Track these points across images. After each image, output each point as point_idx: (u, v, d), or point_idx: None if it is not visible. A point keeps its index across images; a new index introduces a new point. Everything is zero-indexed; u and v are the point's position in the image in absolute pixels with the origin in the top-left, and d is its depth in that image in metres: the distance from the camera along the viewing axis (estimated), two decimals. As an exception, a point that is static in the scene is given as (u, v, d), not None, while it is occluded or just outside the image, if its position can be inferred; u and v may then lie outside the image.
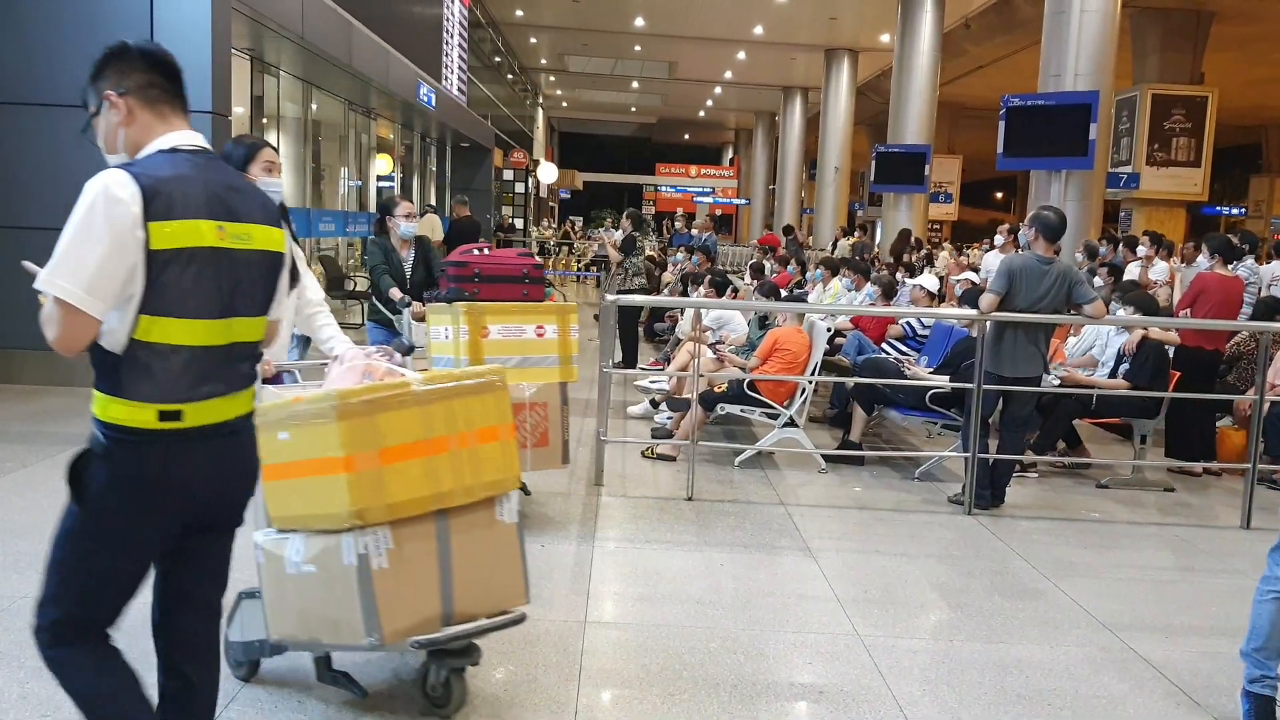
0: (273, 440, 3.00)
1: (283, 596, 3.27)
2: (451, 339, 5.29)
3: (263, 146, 4.24)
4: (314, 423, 3.00)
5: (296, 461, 3.07)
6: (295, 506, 3.16)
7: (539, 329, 5.44)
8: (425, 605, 3.15)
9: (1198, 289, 8.05)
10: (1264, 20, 21.44)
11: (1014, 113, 13.95)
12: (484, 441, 3.27)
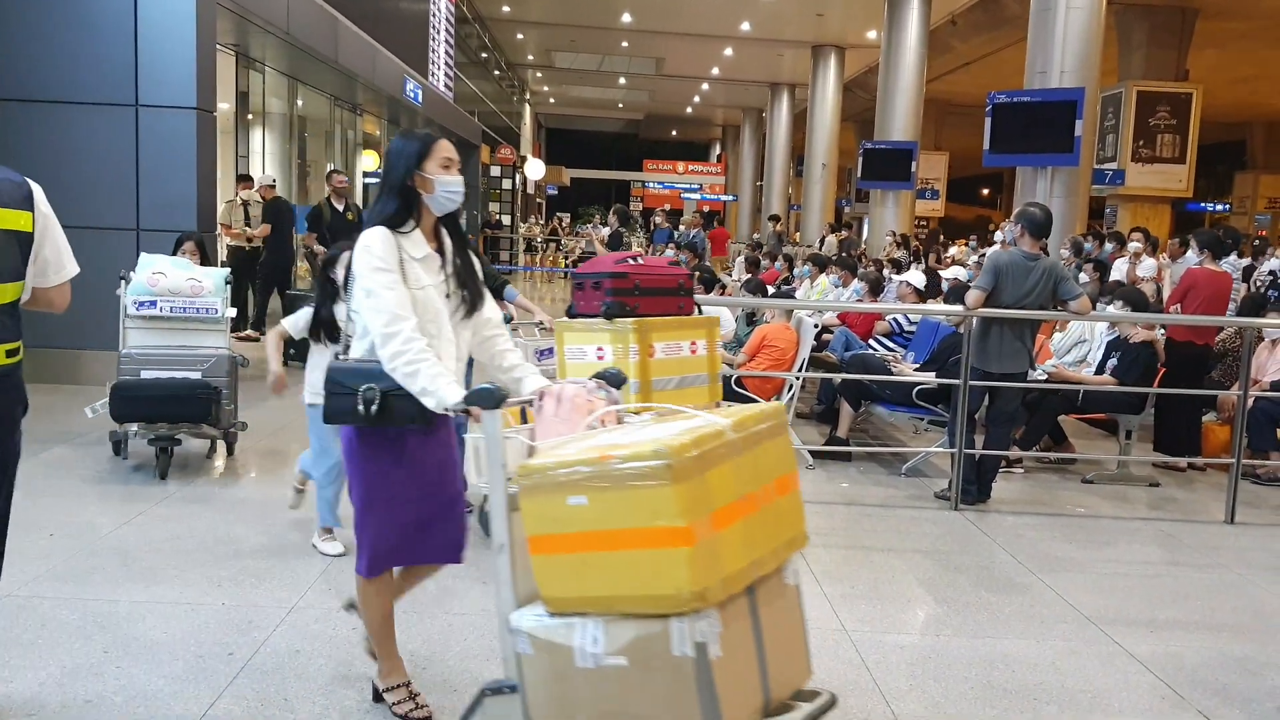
0: (556, 506, 2.50)
1: (568, 695, 2.67)
2: (612, 359, 4.71)
3: (436, 140, 3.54)
4: (634, 485, 2.43)
5: (601, 532, 2.50)
6: (595, 586, 2.55)
7: (693, 345, 5.02)
8: (752, 695, 2.65)
9: (1188, 284, 8.08)
10: (1248, 17, 21.53)
11: (1000, 109, 13.98)
12: (782, 493, 2.82)
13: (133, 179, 8.55)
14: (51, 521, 5.16)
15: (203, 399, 5.96)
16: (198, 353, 6.19)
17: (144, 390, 5.94)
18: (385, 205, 3.21)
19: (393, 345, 2.98)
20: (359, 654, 3.82)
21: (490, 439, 2.69)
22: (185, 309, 6.24)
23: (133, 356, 6.11)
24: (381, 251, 3.08)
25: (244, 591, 4.39)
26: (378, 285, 3.04)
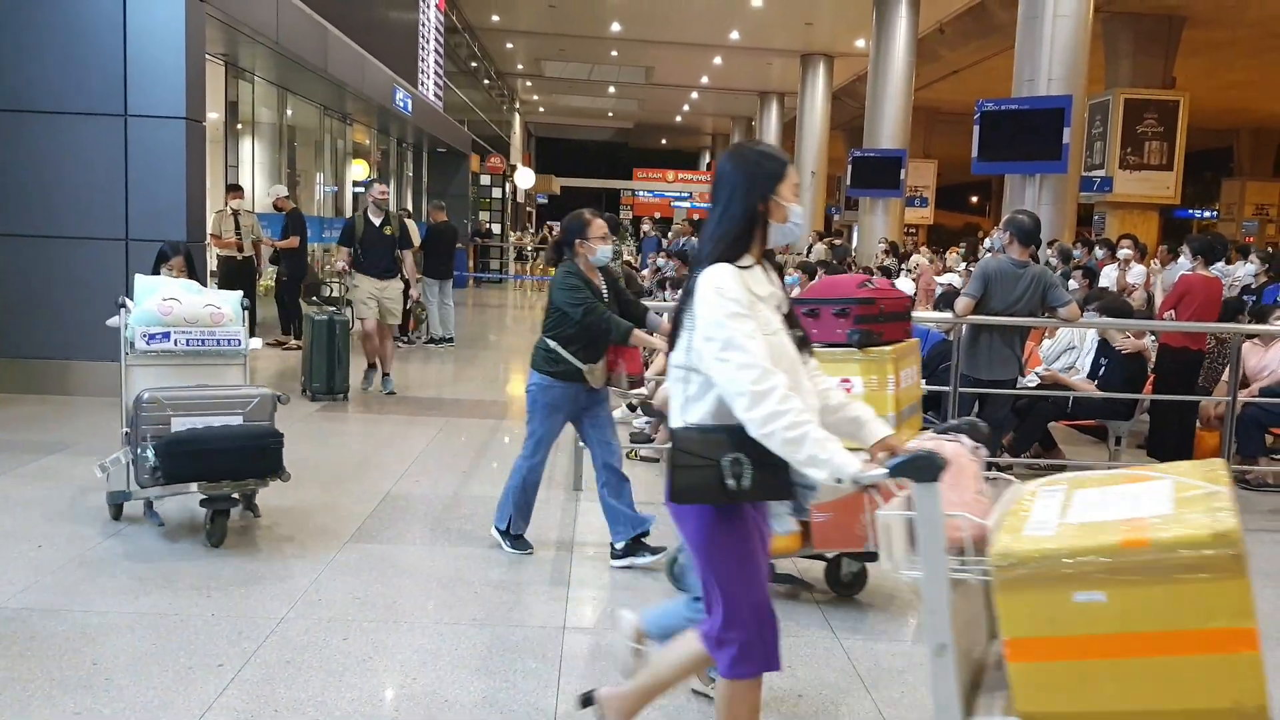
0: (1056, 604, 2.14)
1: None
2: (862, 391, 4.40)
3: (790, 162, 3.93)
4: (1183, 579, 2.06)
5: (1124, 635, 2.13)
6: (1107, 699, 2.17)
7: (915, 371, 4.83)
8: None
9: (1182, 290, 8.11)
10: (1234, 25, 21.66)
11: (988, 117, 14.04)
12: None
13: (122, 189, 8.53)
14: (39, 533, 5.14)
15: (274, 449, 5.08)
16: (237, 394, 5.20)
17: (206, 442, 4.92)
18: (726, 234, 2.75)
19: (767, 406, 2.52)
20: (350, 664, 3.81)
21: (928, 520, 2.31)
22: (204, 341, 5.36)
23: (161, 401, 5.01)
24: (737, 294, 2.63)
25: (234, 602, 4.37)
26: (739, 335, 2.58)
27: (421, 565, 5.01)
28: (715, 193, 2.85)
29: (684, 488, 2.64)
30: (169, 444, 4.85)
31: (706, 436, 2.64)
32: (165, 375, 5.28)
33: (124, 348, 5.32)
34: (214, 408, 5.10)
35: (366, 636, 4.08)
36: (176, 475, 4.91)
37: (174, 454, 4.84)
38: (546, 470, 6.77)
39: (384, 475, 6.59)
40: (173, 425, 4.96)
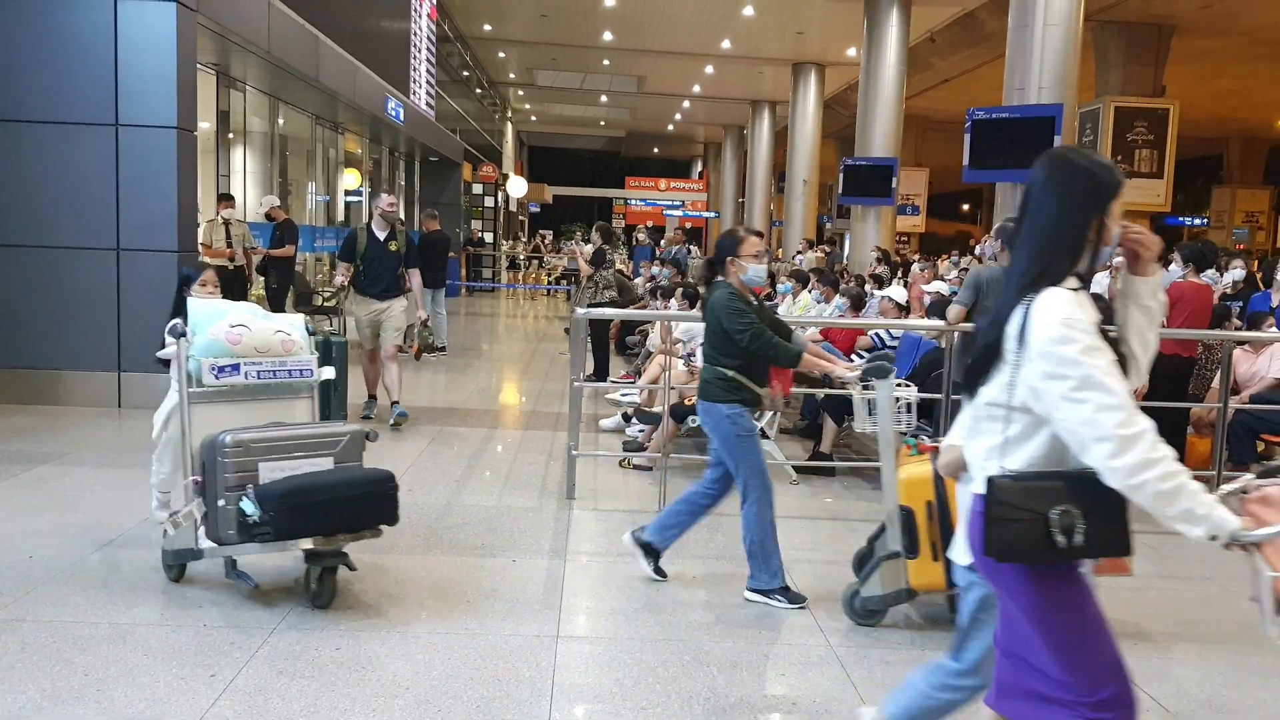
0: None
1: None
2: None
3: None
4: None
5: None
6: None
7: None
8: None
9: (1174, 297, 8.13)
10: (1223, 34, 21.77)
11: (979, 125, 14.07)
12: None
13: (113, 198, 8.52)
14: (30, 543, 5.12)
15: (392, 495, 4.48)
16: (325, 433, 4.60)
17: (321, 491, 4.29)
18: (1056, 251, 2.45)
19: (1137, 453, 2.25)
20: (342, 674, 3.80)
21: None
22: (276, 373, 4.71)
23: (247, 445, 4.36)
24: (1087, 324, 2.34)
25: (226, 612, 4.35)
26: (1098, 372, 2.28)
27: (414, 574, 5.00)
28: (1033, 202, 2.54)
29: (1003, 544, 2.36)
30: (285, 495, 4.18)
31: (1031, 486, 2.37)
32: (229, 413, 4.59)
33: (182, 382, 4.55)
34: (304, 449, 4.47)
35: (359, 646, 4.07)
36: (290, 531, 4.22)
37: (290, 507, 4.17)
38: (539, 478, 6.79)
39: (376, 484, 6.57)
40: (261, 472, 4.33)
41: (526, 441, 8.21)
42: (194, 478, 4.41)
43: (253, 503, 4.22)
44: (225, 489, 4.32)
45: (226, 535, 4.34)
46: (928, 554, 4.38)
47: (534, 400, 10.45)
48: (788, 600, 4.75)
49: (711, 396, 4.79)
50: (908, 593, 4.44)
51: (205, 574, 4.80)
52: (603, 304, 11.05)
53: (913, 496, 4.42)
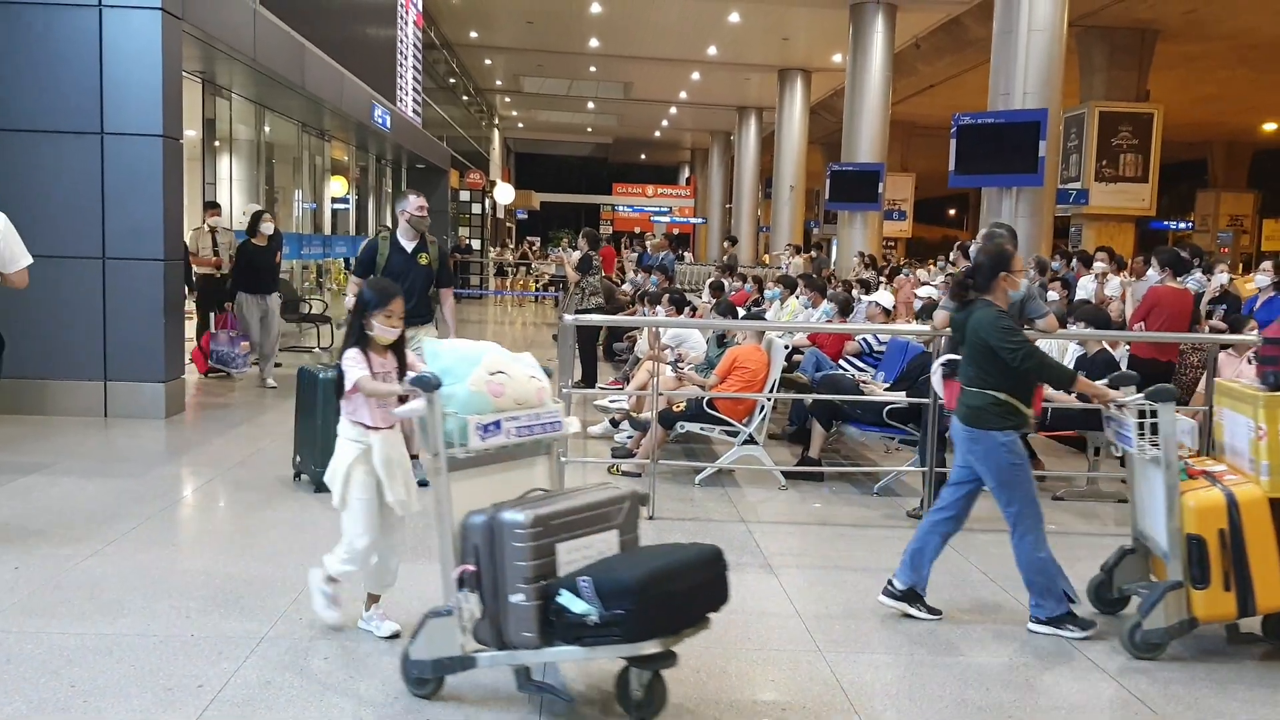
0: None
1: None
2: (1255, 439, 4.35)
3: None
4: None
5: None
6: None
7: None
8: None
9: (1151, 302, 8.18)
10: (1207, 39, 21.91)
11: (964, 131, 14.14)
12: None
13: (99, 207, 8.48)
14: (16, 554, 5.09)
15: (725, 575, 3.70)
16: (605, 499, 3.71)
17: (678, 579, 3.49)
18: None
19: None
20: (331, 684, 3.79)
21: None
22: (534, 427, 3.85)
23: (547, 524, 3.46)
24: None
25: (213, 622, 4.34)
26: None
27: (404, 582, 4.97)
28: None
29: None
30: (643, 586, 3.35)
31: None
32: (481, 482, 3.73)
33: (439, 444, 3.59)
34: (593, 524, 3.63)
35: (348, 655, 4.06)
36: (647, 629, 3.38)
37: (650, 600, 3.35)
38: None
39: (364, 492, 6.55)
40: (559, 555, 3.49)
41: (515, 448, 8.19)
42: (465, 566, 3.53)
43: (588, 597, 3.35)
44: (523, 580, 3.43)
45: (522, 638, 3.47)
46: (1219, 583, 4.24)
47: (522, 407, 10.42)
48: (1078, 628, 4.56)
49: (983, 423, 4.53)
50: (1190, 623, 4.29)
51: (190, 586, 4.78)
52: (590, 310, 11.06)
53: (1204, 524, 4.25)
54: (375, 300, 4.02)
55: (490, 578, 3.50)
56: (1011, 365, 4.43)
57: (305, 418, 6.56)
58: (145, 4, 8.41)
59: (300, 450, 6.68)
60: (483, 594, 3.52)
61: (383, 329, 4.01)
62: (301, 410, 6.62)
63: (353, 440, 4.07)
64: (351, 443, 4.06)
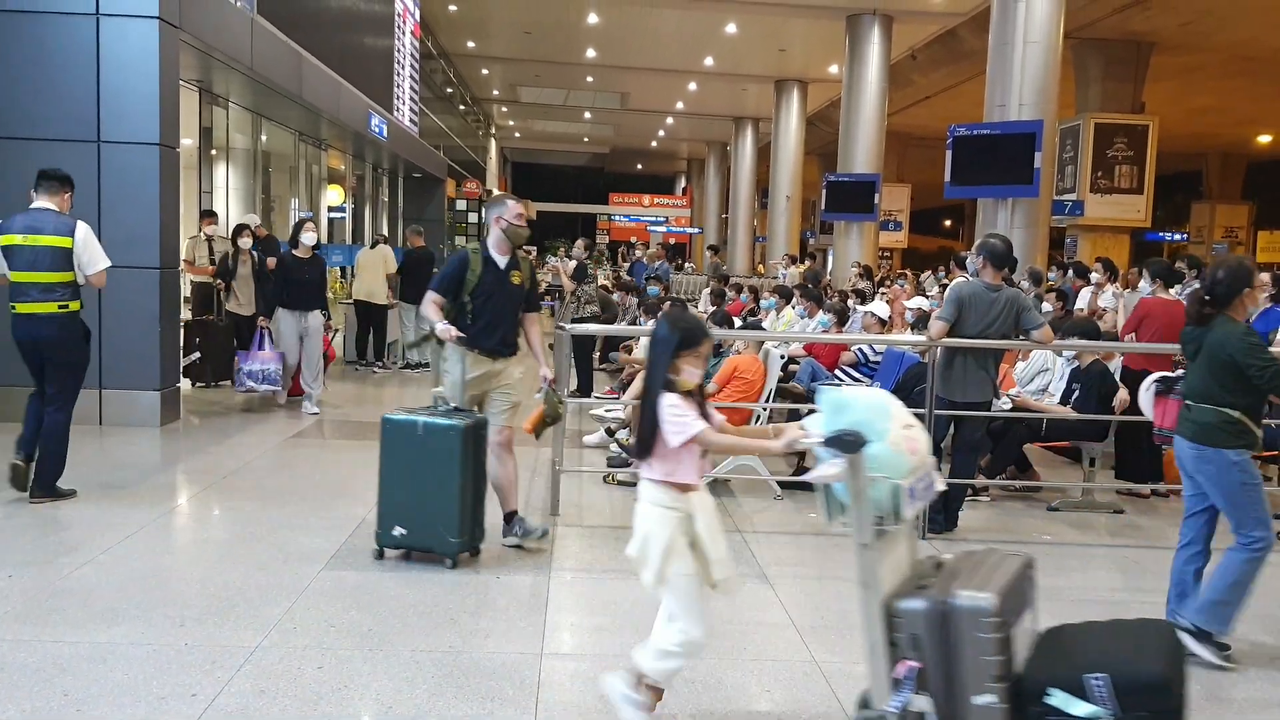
0: None
1: None
2: None
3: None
4: None
5: None
6: None
7: None
8: None
9: (1142, 314, 8.20)
10: (1201, 51, 21.98)
11: (960, 142, 14.16)
12: None
13: (95, 215, 8.45)
14: (10, 561, 5.08)
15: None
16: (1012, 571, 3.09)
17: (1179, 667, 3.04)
18: None
19: None
20: (325, 693, 3.78)
21: None
22: (928, 490, 3.17)
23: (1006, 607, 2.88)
24: None
25: (207, 631, 4.33)
26: None
27: (397, 592, 4.98)
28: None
29: None
30: (1170, 682, 2.87)
31: None
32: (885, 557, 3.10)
33: (864, 520, 3.01)
34: (1021, 603, 3.05)
35: (341, 664, 4.05)
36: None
37: (1176, 699, 2.89)
38: (523, 494, 6.77)
39: (358, 501, 6.54)
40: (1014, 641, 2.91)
41: (510, 458, 8.19)
42: (909, 663, 2.92)
43: (1101, 698, 2.79)
44: (992, 678, 2.83)
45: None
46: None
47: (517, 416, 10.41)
48: (1217, 654, 4.36)
49: (1215, 441, 4.36)
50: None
51: (185, 596, 4.76)
52: (585, 319, 11.06)
53: None
54: (684, 340, 3.44)
55: (942, 675, 2.88)
56: (1257, 383, 4.30)
57: (419, 477, 5.23)
58: (143, 13, 8.43)
59: (408, 518, 5.28)
60: (933, 695, 2.90)
61: (691, 372, 3.44)
62: (408, 468, 5.26)
63: (667, 507, 3.41)
64: (666, 510, 3.41)
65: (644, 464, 3.44)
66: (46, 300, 6.13)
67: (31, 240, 6.10)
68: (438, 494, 5.18)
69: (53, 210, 6.24)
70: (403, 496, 5.26)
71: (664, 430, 3.33)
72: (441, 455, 5.16)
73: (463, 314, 5.59)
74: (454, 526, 5.20)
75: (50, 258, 6.12)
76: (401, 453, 5.26)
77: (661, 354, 3.43)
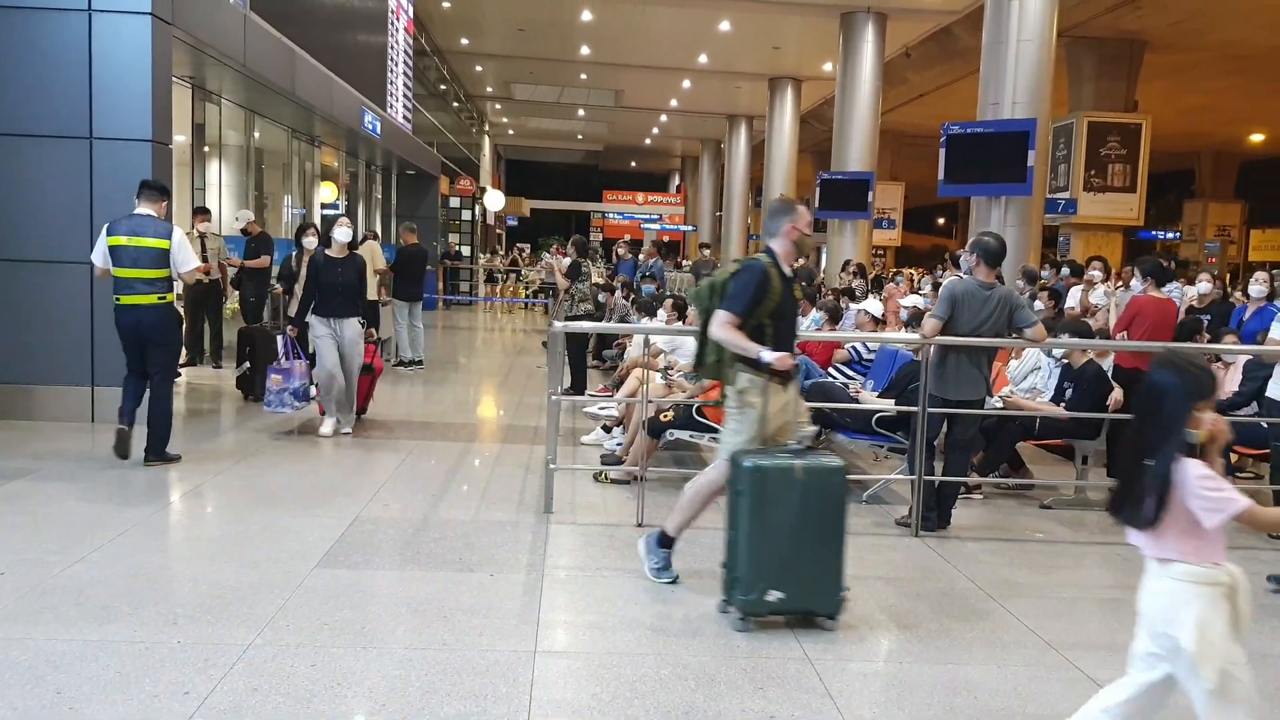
0: None
1: None
2: None
3: None
4: None
5: None
6: None
7: None
8: None
9: (1133, 312, 8.22)
10: (1195, 49, 22.02)
11: (954, 140, 14.18)
12: None
13: (86, 212, 8.46)
14: (2, 559, 5.06)
15: None
16: None
17: None
18: None
19: None
20: (318, 691, 3.78)
21: None
22: None
23: None
24: None
25: (200, 629, 4.32)
26: None
27: (390, 590, 4.98)
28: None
29: None
30: None
31: None
32: None
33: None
34: None
35: (335, 662, 4.04)
36: None
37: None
38: (517, 492, 6.78)
39: (352, 499, 6.55)
40: None
41: (504, 455, 8.19)
42: None
43: None
44: None
45: None
46: None
47: (511, 414, 10.43)
48: None
49: None
50: None
51: (178, 594, 4.75)
52: (579, 317, 11.06)
53: None
54: (1199, 388, 2.88)
55: None
56: None
57: (800, 530, 4.63)
58: (135, 9, 8.41)
59: (786, 579, 4.61)
60: None
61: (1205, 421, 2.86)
62: (787, 520, 4.61)
63: (1209, 584, 2.83)
64: (1209, 588, 2.83)
65: (1145, 536, 2.91)
66: (149, 293, 7.11)
67: (135, 241, 7.06)
68: (820, 546, 4.62)
69: (152, 216, 7.20)
70: (782, 554, 4.59)
71: (1193, 507, 2.78)
72: (826, 501, 4.64)
73: (760, 338, 4.92)
74: (839, 579, 4.67)
75: (151, 257, 7.09)
76: (778, 503, 4.58)
77: (1176, 409, 2.85)
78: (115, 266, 7.10)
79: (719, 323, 4.95)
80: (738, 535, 4.63)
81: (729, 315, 4.94)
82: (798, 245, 5.17)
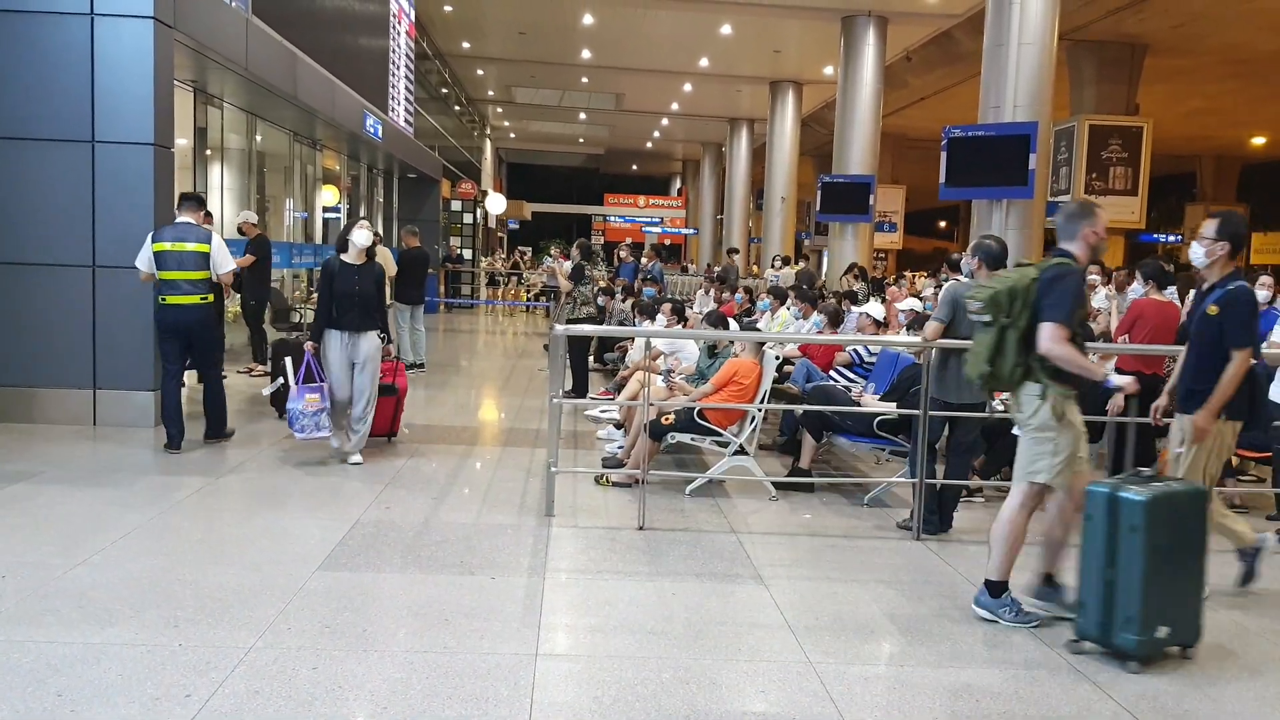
0: None
1: None
2: None
3: None
4: None
5: None
6: None
7: None
8: None
9: (1135, 315, 8.21)
10: (1195, 53, 22.03)
11: (955, 143, 14.18)
12: None
13: (88, 215, 8.47)
14: (3, 562, 5.06)
15: None
16: None
17: None
18: None
19: None
20: (319, 694, 3.78)
21: None
22: None
23: None
24: None
25: (201, 632, 4.32)
26: None
27: (392, 593, 4.97)
28: None
29: None
30: None
31: None
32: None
33: None
34: None
35: (336, 666, 4.04)
36: None
37: None
38: (518, 495, 6.77)
39: (353, 502, 6.55)
40: None
41: (505, 458, 8.19)
42: None
43: None
44: None
45: None
46: None
47: (513, 417, 10.43)
48: None
49: None
50: None
51: (179, 597, 4.76)
52: (582, 320, 11.07)
53: None
54: None
55: None
56: None
57: (1179, 561, 4.48)
58: (137, 13, 8.41)
59: (1170, 613, 4.43)
60: None
61: None
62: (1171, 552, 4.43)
63: None
64: None
65: None
66: (193, 294, 7.81)
67: (179, 247, 7.78)
68: (1189, 575, 4.49)
69: (193, 223, 7.98)
70: (1169, 588, 4.41)
71: None
72: (1193, 528, 4.51)
73: (1030, 349, 4.72)
74: (1200, 606, 4.53)
75: (194, 260, 7.82)
76: (1166, 536, 4.37)
77: None
78: (161, 270, 7.74)
79: (1051, 337, 4.59)
80: (1123, 574, 4.36)
81: (1059, 329, 4.58)
82: (1094, 250, 4.91)
